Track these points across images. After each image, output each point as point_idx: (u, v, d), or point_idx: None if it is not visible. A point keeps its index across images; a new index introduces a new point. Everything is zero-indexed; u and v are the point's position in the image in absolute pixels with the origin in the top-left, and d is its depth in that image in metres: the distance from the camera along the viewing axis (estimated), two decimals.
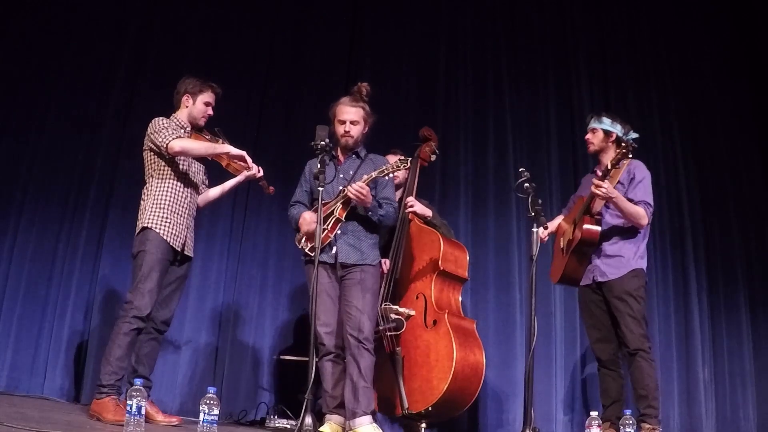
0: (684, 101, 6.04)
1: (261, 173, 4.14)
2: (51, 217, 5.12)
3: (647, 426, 3.91)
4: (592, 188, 3.98)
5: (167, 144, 3.83)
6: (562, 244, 4.33)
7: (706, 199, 5.87)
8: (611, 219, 4.16)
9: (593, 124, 4.30)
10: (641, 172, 4.20)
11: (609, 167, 3.94)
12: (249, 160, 4.02)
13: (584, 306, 4.27)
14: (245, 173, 4.12)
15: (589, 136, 4.32)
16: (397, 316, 4.13)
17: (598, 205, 4.12)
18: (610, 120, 4.26)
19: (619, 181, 4.10)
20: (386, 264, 4.20)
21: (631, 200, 4.07)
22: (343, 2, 5.96)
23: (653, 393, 3.98)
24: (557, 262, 4.39)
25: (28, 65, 5.29)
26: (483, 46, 6.03)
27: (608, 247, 4.13)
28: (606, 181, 3.94)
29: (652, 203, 4.13)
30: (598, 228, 4.10)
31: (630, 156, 3.89)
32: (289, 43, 5.78)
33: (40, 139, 5.21)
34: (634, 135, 4.19)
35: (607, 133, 4.22)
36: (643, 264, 4.16)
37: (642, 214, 4.07)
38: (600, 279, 4.13)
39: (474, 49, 6.00)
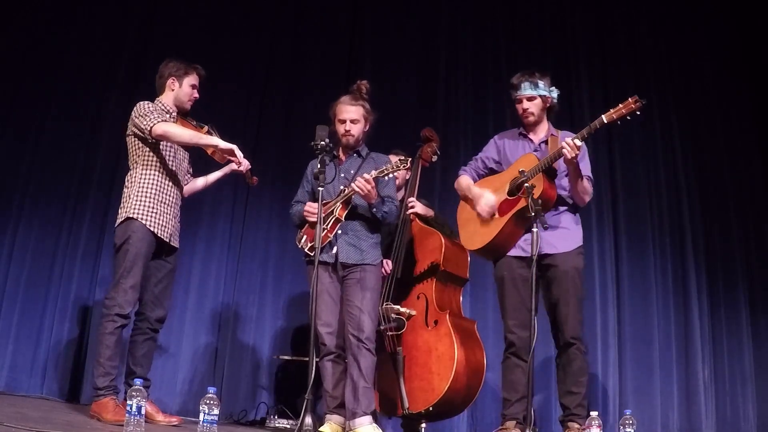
0: (684, 101, 6.04)
1: (248, 167, 4.04)
2: (51, 217, 5.13)
3: (576, 426, 3.65)
4: (567, 149, 3.52)
5: (151, 127, 3.73)
6: (485, 208, 3.86)
7: (706, 199, 5.87)
8: (557, 189, 3.79)
9: (529, 91, 3.81)
10: (584, 144, 3.77)
11: (599, 125, 3.49)
12: (239, 154, 3.89)
13: (510, 282, 3.77)
14: (232, 167, 4.04)
15: (526, 105, 3.83)
16: (398, 316, 4.13)
17: (557, 166, 3.72)
18: (543, 82, 3.82)
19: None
20: (388, 265, 4.20)
21: None
22: (343, 2, 5.97)
23: (585, 390, 3.70)
24: (475, 227, 3.91)
25: (28, 64, 5.29)
26: (483, 46, 6.03)
27: (553, 217, 3.75)
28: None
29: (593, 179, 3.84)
30: (555, 190, 3.71)
31: (638, 113, 3.44)
32: (289, 43, 5.78)
33: (40, 139, 5.23)
34: (556, 92, 3.88)
35: (544, 99, 3.85)
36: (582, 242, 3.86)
37: (590, 191, 3.78)
38: (546, 251, 3.70)
39: (474, 49, 6.01)
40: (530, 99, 3.85)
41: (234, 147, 3.87)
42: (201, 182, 4.17)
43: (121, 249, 3.73)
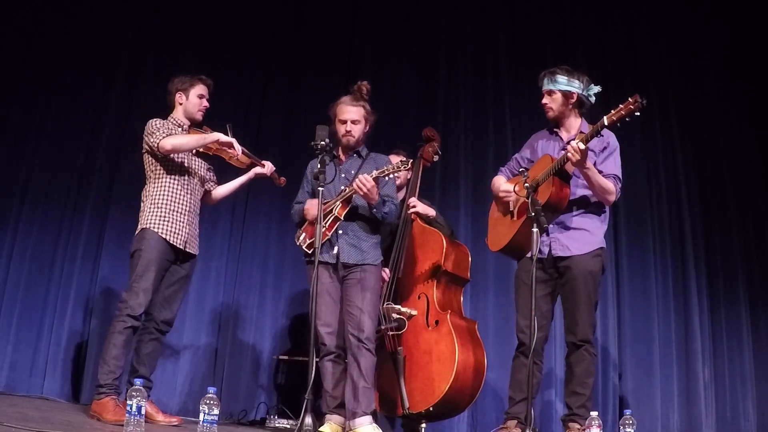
0: (684, 101, 6.05)
1: (273, 169, 4.22)
2: (51, 217, 5.12)
3: (576, 426, 3.63)
4: (570, 151, 3.50)
5: (158, 144, 3.87)
6: (511, 206, 3.84)
7: (706, 199, 5.87)
8: (577, 189, 3.75)
9: (548, 86, 3.80)
10: (614, 141, 3.78)
11: (600, 127, 3.46)
12: (238, 148, 4.05)
13: (525, 282, 3.72)
14: (255, 170, 4.20)
15: (546, 100, 3.82)
16: (399, 316, 4.12)
17: (570, 168, 3.66)
18: (566, 78, 3.78)
19: (589, 148, 3.60)
20: (386, 273, 4.15)
21: (600, 172, 3.68)
22: (343, 2, 5.97)
23: (590, 392, 3.68)
24: (501, 228, 3.92)
25: (28, 65, 5.29)
26: (483, 46, 6.03)
27: (571, 219, 3.73)
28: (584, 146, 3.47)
29: (621, 178, 3.76)
30: (568, 192, 3.68)
31: (638, 114, 3.37)
32: (289, 43, 5.78)
33: (40, 139, 5.22)
34: (595, 89, 3.81)
35: (566, 95, 3.78)
36: (604, 244, 3.81)
37: (612, 190, 3.68)
38: (560, 254, 3.72)
39: (474, 49, 6.01)
40: (549, 93, 3.82)
41: (233, 140, 4.04)
42: (223, 189, 4.28)
43: (135, 255, 3.86)
